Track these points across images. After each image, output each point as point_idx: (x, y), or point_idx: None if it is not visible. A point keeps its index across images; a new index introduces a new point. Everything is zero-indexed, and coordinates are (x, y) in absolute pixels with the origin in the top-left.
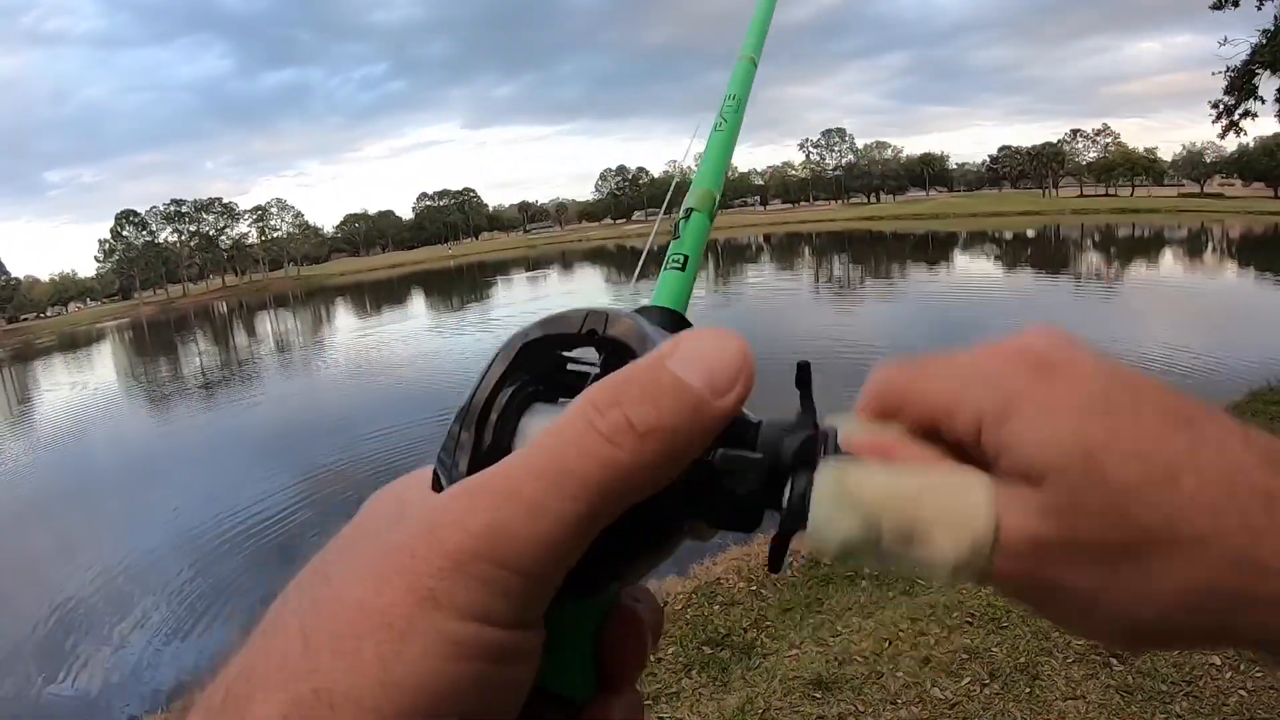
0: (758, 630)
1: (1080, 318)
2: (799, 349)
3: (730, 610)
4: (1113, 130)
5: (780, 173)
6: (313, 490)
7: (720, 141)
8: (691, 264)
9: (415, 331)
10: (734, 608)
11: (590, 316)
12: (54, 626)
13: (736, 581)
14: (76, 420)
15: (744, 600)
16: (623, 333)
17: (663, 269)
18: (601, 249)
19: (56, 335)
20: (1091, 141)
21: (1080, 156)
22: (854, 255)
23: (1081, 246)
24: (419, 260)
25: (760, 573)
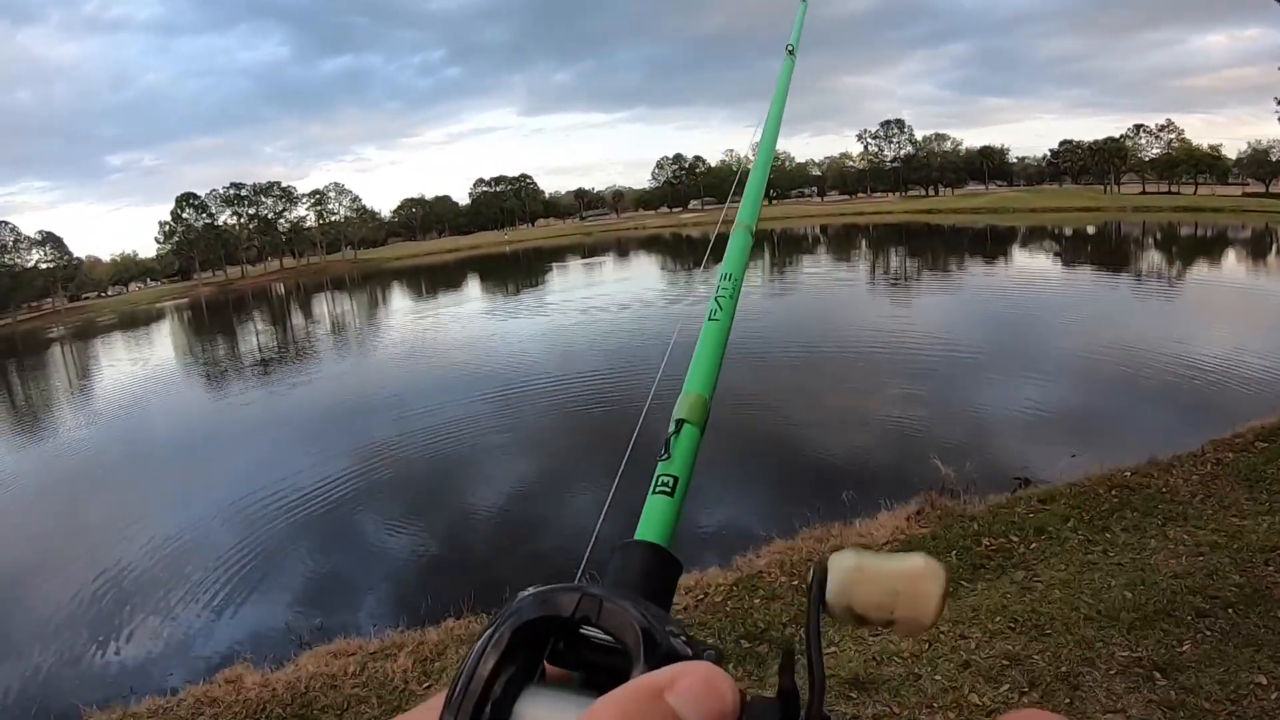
0: (797, 626)
1: (1140, 318)
2: (853, 340)
3: (770, 605)
4: (1176, 126)
5: (838, 164)
6: (362, 468)
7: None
8: (680, 488)
9: (469, 315)
10: (774, 602)
11: (584, 601)
12: (105, 594)
13: (779, 575)
14: (135, 395)
15: (784, 595)
16: (616, 626)
17: (650, 491)
18: (657, 237)
19: (117, 314)
20: (1154, 137)
21: (1143, 152)
22: (911, 249)
23: (1142, 245)
24: (475, 245)
25: (803, 567)
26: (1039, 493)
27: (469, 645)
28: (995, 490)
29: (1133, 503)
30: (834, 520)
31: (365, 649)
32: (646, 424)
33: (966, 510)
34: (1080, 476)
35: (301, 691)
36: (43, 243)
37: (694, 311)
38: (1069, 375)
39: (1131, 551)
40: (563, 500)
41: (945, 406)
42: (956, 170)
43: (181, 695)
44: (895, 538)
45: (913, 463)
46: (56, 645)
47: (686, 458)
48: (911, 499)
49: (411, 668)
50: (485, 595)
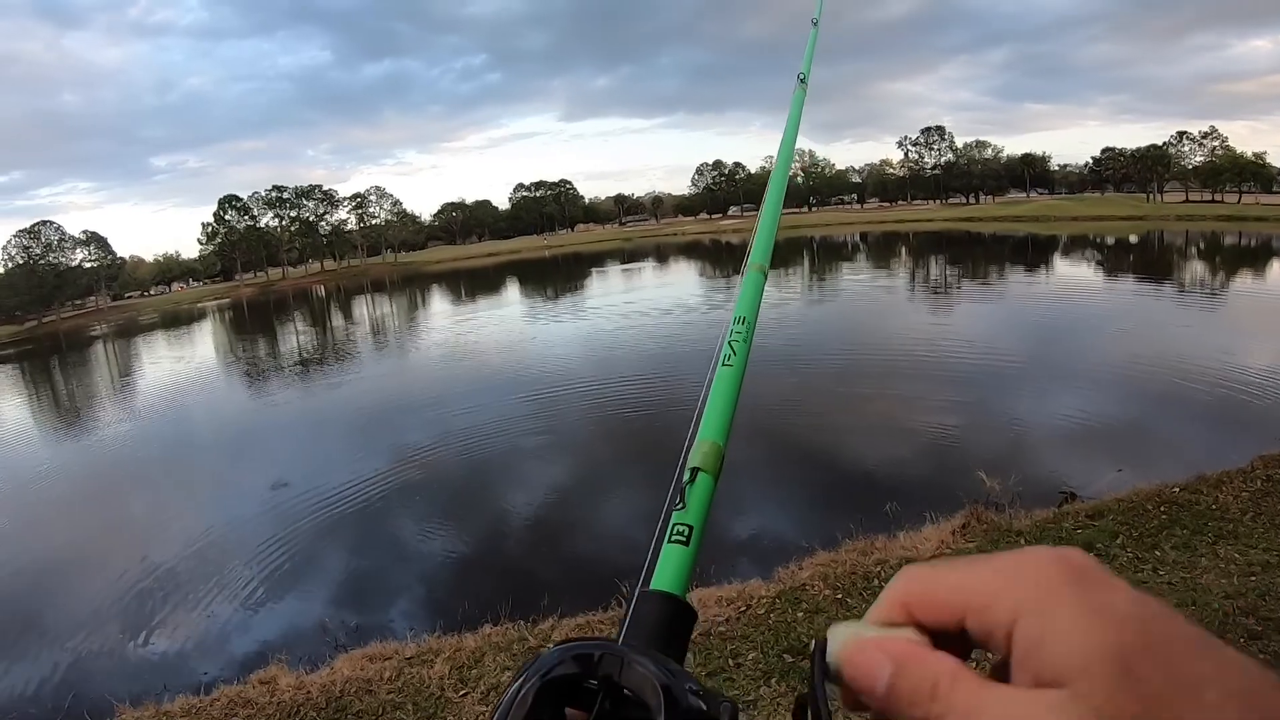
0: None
1: (1184, 328)
2: (893, 348)
3: (814, 618)
4: (1220, 133)
5: (878, 170)
6: (398, 467)
7: (726, 381)
8: (695, 537)
9: (508, 319)
10: (818, 615)
11: (606, 659)
12: (141, 586)
13: (822, 588)
14: (175, 392)
15: (829, 609)
16: (637, 685)
17: (665, 539)
18: (696, 243)
19: (159, 313)
20: (1198, 144)
21: (1186, 160)
22: (951, 256)
23: (1186, 254)
24: (515, 250)
25: (847, 580)
26: (1086, 508)
27: (497, 694)
28: (1040, 504)
29: (1182, 520)
30: (877, 532)
31: (401, 653)
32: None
33: (1013, 525)
34: (1128, 492)
35: (336, 695)
36: (87, 242)
37: (729, 319)
38: (1112, 386)
39: (1182, 570)
40: (601, 507)
41: (987, 416)
42: (997, 178)
43: (215, 695)
44: (941, 552)
45: (955, 474)
46: (93, 635)
47: (701, 507)
48: (956, 512)
49: (448, 675)
50: (523, 602)
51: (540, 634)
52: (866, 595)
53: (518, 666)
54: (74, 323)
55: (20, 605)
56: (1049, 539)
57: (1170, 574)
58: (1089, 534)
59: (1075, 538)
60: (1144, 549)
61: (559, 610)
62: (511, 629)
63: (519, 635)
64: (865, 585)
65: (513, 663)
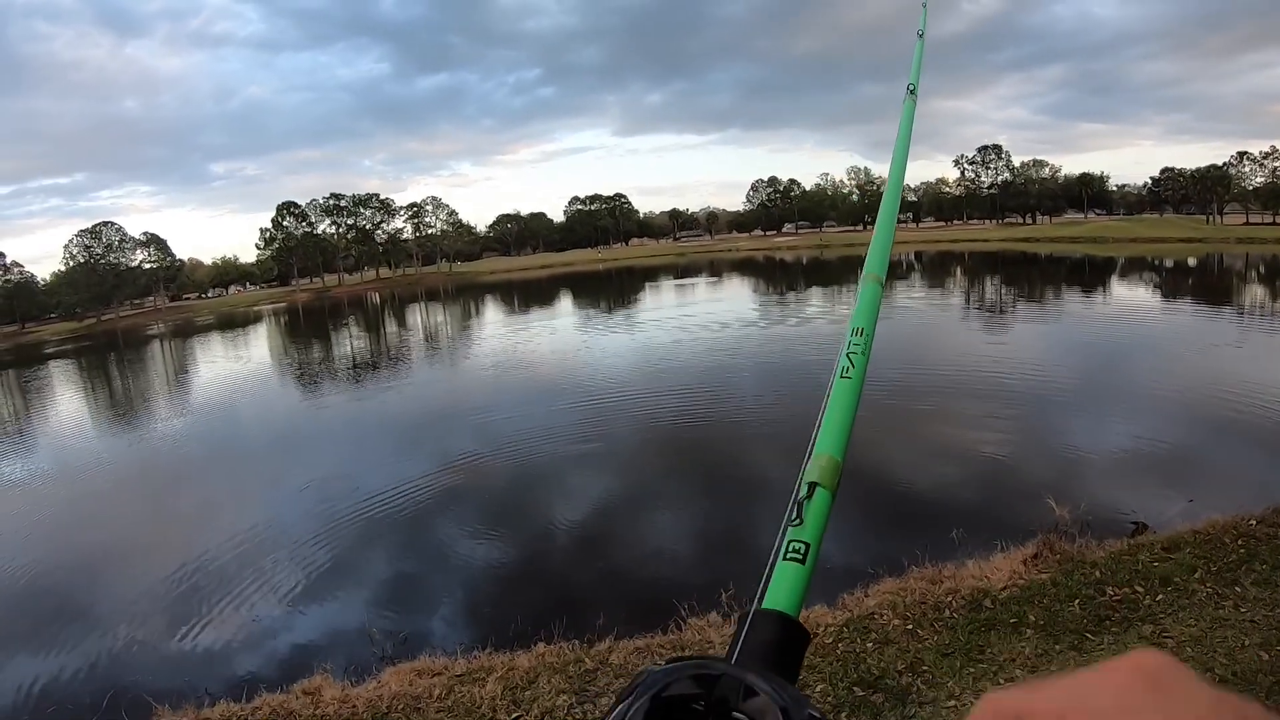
0: (913, 674)
1: (1249, 355)
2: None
3: (884, 650)
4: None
5: (934, 189)
6: (450, 474)
7: (844, 394)
8: (812, 555)
9: (561, 330)
10: (888, 647)
11: (724, 680)
12: (186, 584)
13: (891, 618)
14: (228, 392)
15: (899, 639)
16: (757, 710)
17: (780, 557)
18: (750, 260)
19: (215, 314)
20: (1259, 165)
21: (1246, 181)
22: (1008, 277)
23: (1246, 278)
24: (568, 262)
25: (916, 610)
26: (1161, 539)
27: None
28: (1111, 534)
29: (1260, 554)
30: (944, 559)
31: (451, 670)
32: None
33: (1086, 556)
34: (1204, 524)
35: (383, 712)
36: (147, 243)
37: (786, 334)
38: (1176, 412)
39: (1264, 608)
40: (657, 522)
41: (1050, 442)
42: (1054, 198)
43: (256, 703)
44: (1014, 582)
45: (1020, 499)
46: (135, 630)
47: (819, 523)
48: (1024, 539)
49: (500, 695)
50: (577, 620)
51: (597, 655)
52: (938, 627)
53: (622, 686)
54: (132, 321)
55: (66, 597)
56: (1124, 571)
57: (1252, 611)
58: (1166, 567)
59: (1153, 571)
60: (1223, 584)
61: (615, 630)
62: (567, 649)
63: (575, 656)
64: (936, 616)
65: (568, 685)
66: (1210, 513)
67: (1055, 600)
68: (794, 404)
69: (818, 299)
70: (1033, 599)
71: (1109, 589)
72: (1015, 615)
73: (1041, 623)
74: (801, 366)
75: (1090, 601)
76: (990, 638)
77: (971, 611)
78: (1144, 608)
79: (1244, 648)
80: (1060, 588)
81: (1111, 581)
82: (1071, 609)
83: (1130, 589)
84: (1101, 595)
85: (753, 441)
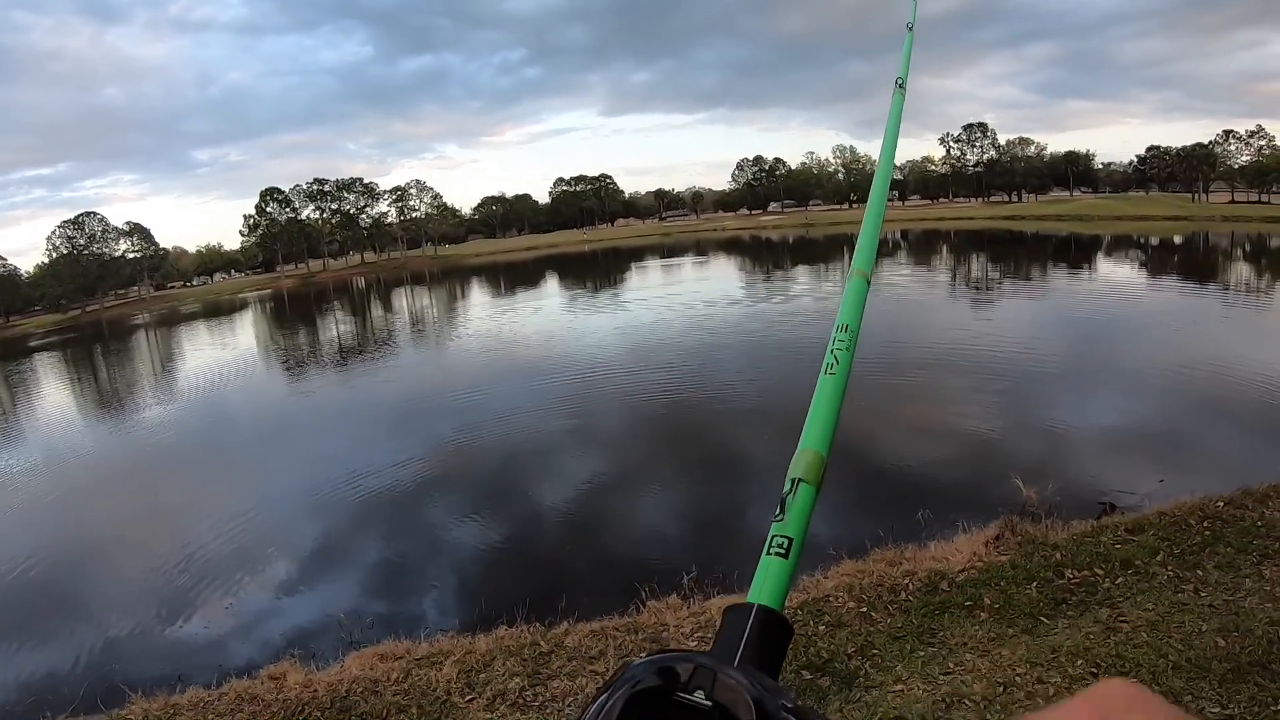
0: (863, 658)
1: (1230, 333)
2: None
3: (836, 633)
4: (1267, 132)
5: (919, 167)
6: (433, 458)
7: (829, 390)
8: (795, 550)
9: (547, 310)
10: (840, 630)
11: (698, 672)
12: (167, 574)
13: (846, 601)
14: (211, 381)
15: (851, 622)
16: (730, 701)
17: (764, 552)
18: (736, 239)
19: (200, 303)
20: (1244, 144)
21: (1232, 159)
22: (993, 255)
23: (1232, 256)
24: (554, 244)
25: (872, 593)
26: (1126, 521)
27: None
28: (1078, 515)
29: (1226, 536)
30: (908, 541)
31: (412, 654)
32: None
33: (1049, 538)
34: (1170, 506)
35: (342, 695)
36: (130, 233)
37: (769, 311)
38: (1156, 392)
39: (1225, 592)
40: (627, 506)
41: (1025, 421)
42: (1040, 176)
43: (224, 689)
44: (973, 564)
45: (991, 481)
46: (116, 623)
47: (802, 519)
48: (990, 522)
49: (455, 678)
50: (540, 603)
51: (553, 639)
52: (893, 610)
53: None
54: (117, 312)
55: (46, 589)
56: (1085, 553)
57: (1212, 595)
58: (1128, 550)
59: (1114, 553)
60: (1185, 568)
61: (576, 613)
62: (525, 632)
63: (531, 640)
64: (892, 598)
65: (522, 668)
66: (1181, 494)
67: (1013, 583)
68: (767, 384)
69: (803, 278)
70: (990, 581)
71: (1068, 571)
72: (971, 598)
73: (997, 606)
74: (780, 345)
75: (1048, 584)
76: (944, 620)
77: (927, 594)
78: (1102, 591)
79: (1201, 633)
80: (1019, 570)
81: (1071, 564)
82: (1028, 592)
83: (1090, 571)
84: (1060, 578)
85: (724, 423)
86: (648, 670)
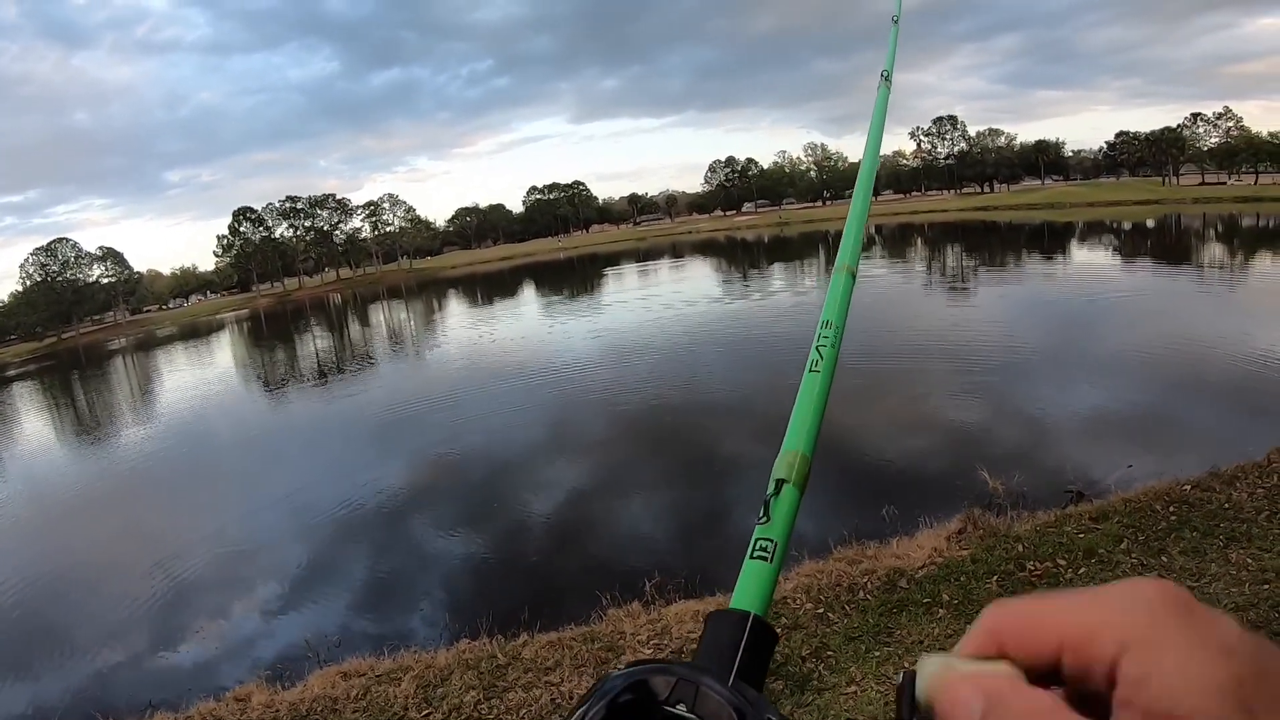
0: (817, 660)
1: (1202, 313)
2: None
3: (792, 635)
4: (1234, 114)
5: (891, 162)
6: (414, 474)
7: (813, 388)
8: (779, 553)
9: (524, 320)
10: (796, 632)
11: (680, 686)
12: (162, 596)
13: (804, 602)
14: (188, 406)
15: (808, 624)
16: (710, 713)
17: (747, 555)
18: (711, 241)
19: (177, 325)
20: (1213, 126)
21: (1201, 142)
22: (967, 246)
23: (1203, 237)
24: (530, 252)
25: (830, 593)
26: (1091, 510)
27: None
28: (1045, 504)
29: (1192, 521)
30: (870, 538)
31: (374, 670)
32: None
33: (1012, 529)
34: (1136, 491)
35: (302, 715)
36: (104, 258)
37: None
38: (1127, 375)
39: (1190, 578)
40: (596, 514)
41: (995, 410)
42: (1011, 166)
43: (190, 713)
44: (933, 560)
45: (958, 473)
46: (90, 649)
47: (786, 521)
48: (954, 516)
49: (414, 694)
50: (503, 615)
51: (511, 650)
52: (850, 609)
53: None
54: (93, 337)
55: (16, 617)
56: (1048, 544)
57: (1177, 582)
58: (1091, 539)
59: (1077, 543)
60: (1150, 554)
61: (537, 624)
62: (485, 645)
63: (489, 652)
64: (850, 598)
65: (478, 681)
66: (1149, 478)
67: (973, 578)
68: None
69: (779, 276)
70: (950, 577)
71: (1030, 564)
72: (929, 595)
73: (955, 602)
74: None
75: (1009, 578)
76: (901, 619)
77: (885, 592)
78: (1064, 582)
79: None
80: (980, 564)
81: (1034, 555)
82: (988, 586)
83: (1052, 563)
84: (1021, 570)
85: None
86: (625, 683)
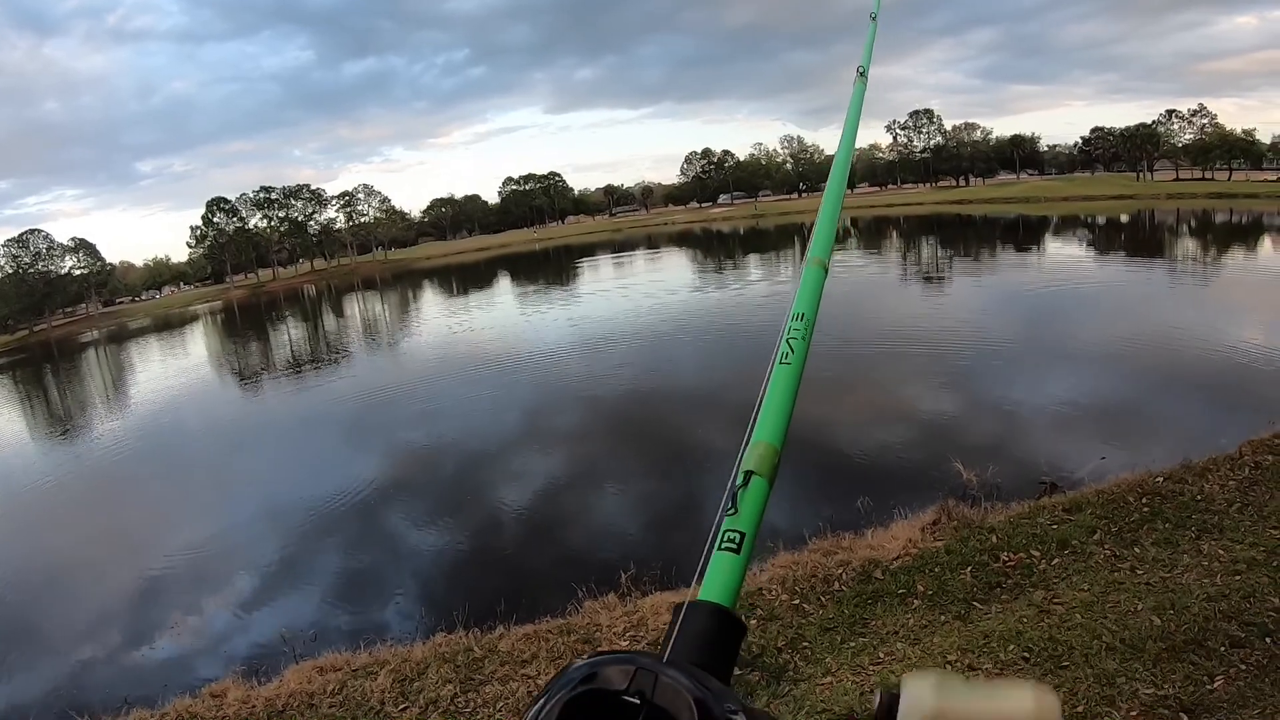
0: (793, 651)
1: (1175, 307)
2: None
3: (768, 626)
4: (1209, 110)
5: (867, 155)
6: (387, 466)
7: (783, 380)
8: (747, 545)
9: (498, 311)
10: (772, 623)
11: (638, 675)
12: (139, 593)
13: (780, 594)
14: (160, 399)
15: (783, 615)
16: (670, 703)
17: (715, 546)
18: (687, 232)
19: (150, 317)
20: (1187, 122)
21: (1175, 138)
22: (942, 239)
23: (1177, 232)
24: (505, 244)
25: (805, 584)
26: (1064, 501)
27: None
28: (1019, 496)
29: (1164, 512)
30: (845, 530)
31: (350, 665)
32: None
33: (986, 520)
34: (1109, 483)
35: (279, 710)
36: (75, 249)
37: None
38: (1101, 369)
39: (1162, 569)
40: (571, 506)
41: (970, 403)
42: (987, 160)
43: (165, 709)
44: (908, 551)
45: (933, 465)
46: (61, 647)
47: (754, 513)
48: (929, 507)
49: (390, 688)
50: (480, 608)
51: (487, 643)
52: (825, 601)
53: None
54: (66, 330)
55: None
56: (1021, 535)
57: (1149, 573)
58: (1065, 530)
59: (1051, 534)
60: (1122, 545)
61: (514, 617)
62: (461, 638)
63: (466, 645)
64: (825, 589)
65: (455, 675)
66: (1122, 469)
67: (947, 569)
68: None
69: (754, 267)
70: (924, 568)
71: (1004, 554)
72: (904, 586)
73: (930, 593)
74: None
75: (983, 568)
76: (876, 610)
77: (860, 584)
78: (1038, 573)
79: (1136, 612)
80: (954, 555)
81: (1007, 546)
82: (962, 577)
83: (1026, 554)
84: (995, 561)
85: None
86: (585, 673)
